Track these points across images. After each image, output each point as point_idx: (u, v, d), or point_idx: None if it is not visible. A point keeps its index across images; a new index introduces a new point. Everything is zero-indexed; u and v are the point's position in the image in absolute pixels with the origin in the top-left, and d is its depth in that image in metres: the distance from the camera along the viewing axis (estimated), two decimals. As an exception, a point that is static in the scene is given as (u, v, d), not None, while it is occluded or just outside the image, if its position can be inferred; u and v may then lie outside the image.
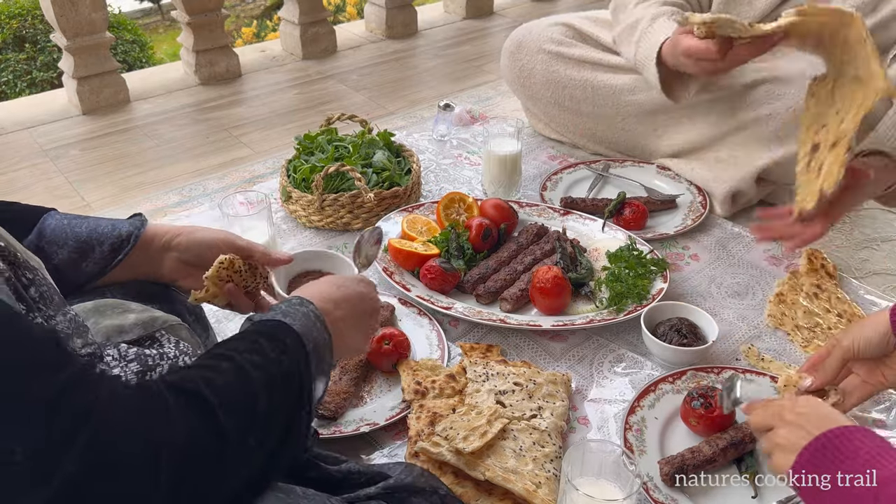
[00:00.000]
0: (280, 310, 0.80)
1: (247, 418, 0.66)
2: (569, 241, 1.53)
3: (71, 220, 0.96)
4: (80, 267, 0.94)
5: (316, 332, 0.78)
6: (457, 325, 1.39)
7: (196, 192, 1.89)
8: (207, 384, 0.65)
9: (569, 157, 2.00)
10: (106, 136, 2.29)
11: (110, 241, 0.95)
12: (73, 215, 0.98)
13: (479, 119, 2.22)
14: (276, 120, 2.39)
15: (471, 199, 1.62)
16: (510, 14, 3.39)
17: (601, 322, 1.34)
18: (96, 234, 0.95)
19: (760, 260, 1.58)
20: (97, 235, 0.95)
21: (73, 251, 0.93)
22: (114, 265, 0.96)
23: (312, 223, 1.67)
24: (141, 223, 0.99)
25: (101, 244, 0.95)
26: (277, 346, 0.74)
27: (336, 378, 1.21)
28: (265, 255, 1.05)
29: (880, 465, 0.72)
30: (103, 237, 0.95)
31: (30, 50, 5.46)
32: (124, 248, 0.96)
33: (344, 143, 1.78)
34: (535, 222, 1.61)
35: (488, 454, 1.03)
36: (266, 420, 0.68)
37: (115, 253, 0.96)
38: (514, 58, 1.96)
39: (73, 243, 0.94)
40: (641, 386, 1.21)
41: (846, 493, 0.73)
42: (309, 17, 2.86)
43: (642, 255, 1.45)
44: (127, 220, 1.00)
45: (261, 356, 0.71)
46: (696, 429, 1.13)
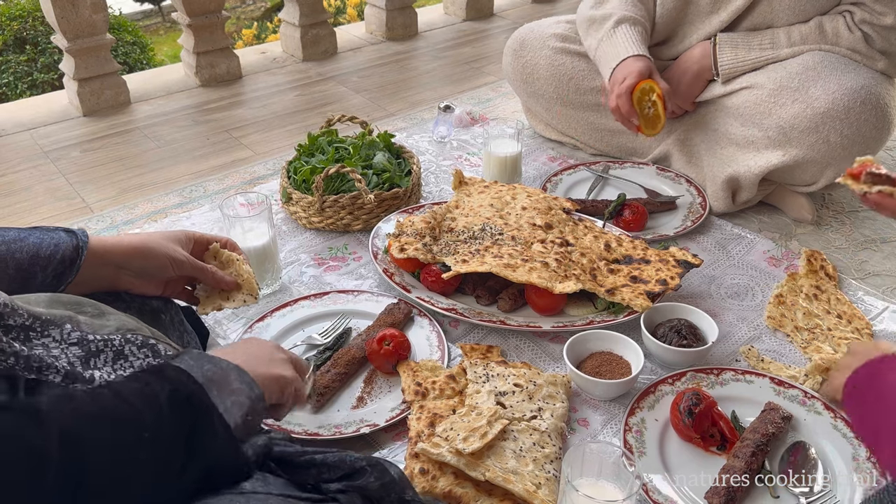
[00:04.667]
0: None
1: (129, 431, 0.67)
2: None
3: (9, 242, 0.91)
4: (25, 290, 0.89)
5: (208, 365, 0.79)
6: (457, 327, 1.39)
7: (196, 193, 1.89)
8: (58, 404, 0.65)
9: (569, 158, 2.00)
10: (106, 137, 2.29)
11: (53, 266, 0.92)
12: (12, 234, 0.93)
13: (480, 120, 2.22)
14: (277, 121, 2.39)
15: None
16: (510, 16, 3.40)
17: (601, 323, 1.34)
18: (38, 259, 0.91)
19: (760, 261, 1.58)
20: (39, 260, 0.92)
21: (14, 279, 0.90)
22: (61, 289, 0.93)
23: (313, 224, 1.67)
24: (82, 244, 0.95)
25: (45, 269, 0.92)
26: (155, 374, 0.75)
27: (324, 370, 1.23)
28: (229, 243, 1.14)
29: None
30: (46, 261, 0.92)
31: (30, 51, 5.47)
32: (67, 276, 0.93)
33: (344, 144, 1.79)
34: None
35: (488, 455, 1.03)
36: (155, 438, 0.68)
37: (58, 279, 0.93)
38: (517, 55, 1.97)
39: (14, 271, 0.90)
40: (641, 387, 1.21)
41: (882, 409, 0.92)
42: (309, 19, 2.86)
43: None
44: (66, 235, 0.95)
45: (138, 382, 0.72)
46: (686, 436, 1.13)
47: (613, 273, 1.43)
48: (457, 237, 1.48)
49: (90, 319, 0.84)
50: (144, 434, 0.68)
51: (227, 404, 0.77)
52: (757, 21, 1.67)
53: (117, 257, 0.98)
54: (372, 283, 1.51)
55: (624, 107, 1.63)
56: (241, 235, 1.41)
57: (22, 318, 0.76)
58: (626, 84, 1.62)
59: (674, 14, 1.75)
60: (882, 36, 1.58)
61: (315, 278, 1.53)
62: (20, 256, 0.91)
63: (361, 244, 1.63)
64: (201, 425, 0.73)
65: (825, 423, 1.15)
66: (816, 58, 1.59)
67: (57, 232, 0.95)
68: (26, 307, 0.78)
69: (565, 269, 1.38)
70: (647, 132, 1.67)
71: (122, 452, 0.66)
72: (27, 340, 0.77)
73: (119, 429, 0.67)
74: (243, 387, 0.80)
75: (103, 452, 0.64)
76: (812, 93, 1.55)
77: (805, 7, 1.61)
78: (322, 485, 0.83)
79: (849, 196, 1.83)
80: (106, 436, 0.66)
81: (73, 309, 0.84)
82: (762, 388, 1.22)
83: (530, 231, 1.48)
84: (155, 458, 0.68)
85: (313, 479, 0.84)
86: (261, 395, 0.82)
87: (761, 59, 1.65)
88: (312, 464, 0.86)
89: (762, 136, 1.63)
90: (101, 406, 0.67)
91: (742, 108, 1.66)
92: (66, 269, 0.93)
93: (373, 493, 0.84)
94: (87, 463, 0.62)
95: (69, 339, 0.79)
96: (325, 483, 0.84)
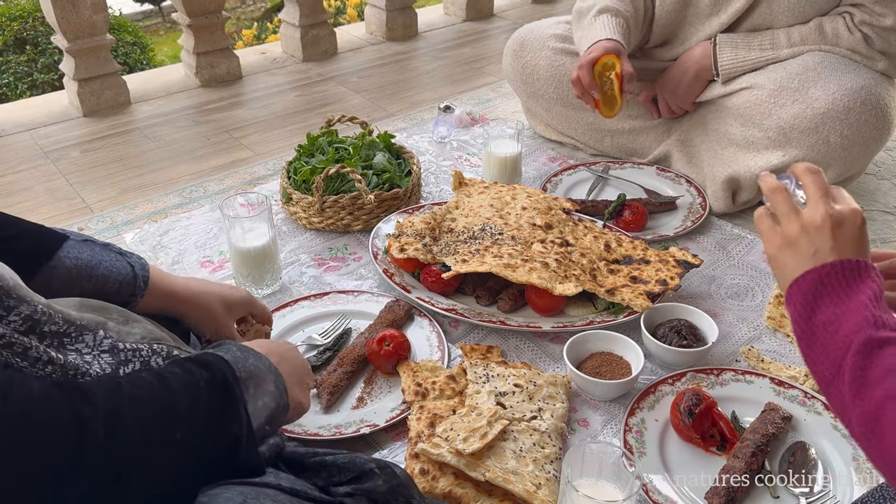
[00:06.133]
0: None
1: (166, 415, 0.69)
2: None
3: (80, 268, 0.97)
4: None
5: (253, 359, 0.81)
6: (457, 327, 1.39)
7: (196, 193, 1.89)
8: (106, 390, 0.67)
9: (569, 158, 2.01)
10: (106, 137, 2.29)
11: (117, 301, 0.97)
12: (86, 255, 0.98)
13: (480, 121, 2.22)
14: (277, 122, 2.39)
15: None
16: (510, 16, 3.40)
17: (601, 324, 1.34)
18: (105, 288, 0.98)
19: (760, 261, 1.58)
20: (106, 289, 0.98)
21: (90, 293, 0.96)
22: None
23: (313, 225, 1.67)
24: (139, 290, 1.01)
25: (118, 295, 0.99)
26: (200, 363, 0.77)
27: (331, 370, 1.23)
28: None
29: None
30: (110, 295, 0.97)
31: (31, 52, 5.47)
32: (134, 301, 1.01)
33: (344, 144, 1.79)
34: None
35: (488, 455, 1.03)
36: (190, 419, 0.71)
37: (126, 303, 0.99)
38: (517, 55, 1.97)
39: (78, 293, 0.95)
40: (641, 388, 1.21)
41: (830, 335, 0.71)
42: (309, 20, 2.86)
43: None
44: (131, 269, 1.01)
45: (182, 369, 0.74)
46: (686, 436, 1.13)
47: (613, 273, 1.43)
48: (457, 237, 1.48)
49: (117, 326, 0.86)
50: (181, 416, 0.70)
51: (258, 404, 0.79)
52: (756, 23, 1.67)
53: (176, 305, 1.05)
54: (372, 284, 1.51)
55: (585, 78, 1.62)
56: (241, 235, 1.41)
57: (57, 324, 0.78)
58: (590, 57, 1.62)
59: (673, 16, 1.75)
60: (882, 37, 1.58)
61: (315, 279, 1.53)
62: (88, 287, 0.96)
63: (361, 244, 1.63)
64: (229, 415, 0.74)
65: (825, 424, 1.15)
66: (816, 58, 1.59)
67: (122, 261, 1.01)
68: (61, 311, 0.79)
69: (565, 270, 1.38)
70: (605, 112, 1.66)
71: (159, 434, 0.67)
72: (61, 346, 0.78)
73: (158, 409, 0.69)
74: (276, 391, 0.82)
75: (142, 428, 0.66)
76: (812, 93, 1.55)
77: (804, 9, 1.61)
78: (331, 488, 0.84)
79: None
80: (146, 412, 0.68)
81: (101, 314, 0.86)
82: (762, 389, 1.22)
83: (530, 231, 1.48)
84: (188, 439, 0.69)
85: (323, 480, 0.84)
86: (286, 406, 0.84)
87: (761, 60, 1.65)
88: (323, 465, 0.86)
89: (762, 137, 1.64)
90: (141, 386, 0.69)
91: (742, 109, 1.66)
92: (124, 305, 0.98)
93: (380, 496, 0.84)
94: (128, 434, 0.65)
95: (101, 346, 0.81)
96: (335, 486, 0.84)
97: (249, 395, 0.78)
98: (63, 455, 0.60)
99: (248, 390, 0.78)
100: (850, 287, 0.72)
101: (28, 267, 0.90)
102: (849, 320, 0.69)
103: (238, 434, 0.75)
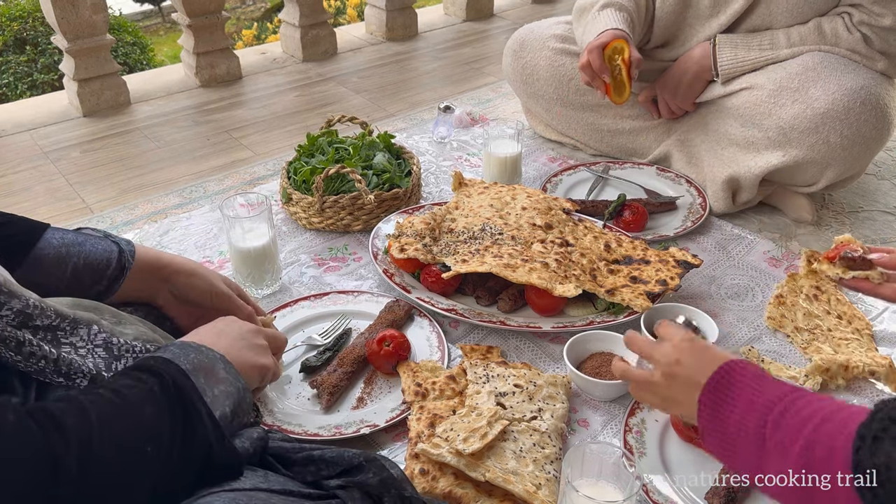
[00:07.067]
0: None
1: (134, 432, 0.69)
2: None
3: (69, 245, 0.96)
4: (73, 295, 0.94)
5: (194, 353, 0.80)
6: (457, 327, 1.39)
7: (196, 193, 1.89)
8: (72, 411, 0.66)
9: (569, 158, 2.01)
10: (106, 138, 2.29)
11: (107, 276, 0.97)
12: (70, 237, 0.97)
13: (479, 121, 2.22)
14: (277, 122, 2.40)
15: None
16: (510, 16, 3.40)
17: (601, 324, 1.34)
18: (93, 266, 0.96)
19: (760, 261, 1.58)
20: (94, 267, 0.96)
21: (70, 283, 0.94)
22: (107, 299, 0.97)
23: (313, 225, 1.67)
24: (127, 262, 0.99)
25: (98, 279, 0.97)
26: (146, 370, 0.75)
27: (331, 370, 1.23)
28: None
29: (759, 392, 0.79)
30: (99, 271, 0.96)
31: (30, 52, 5.48)
32: (115, 286, 0.98)
33: (344, 144, 1.79)
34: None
35: (488, 455, 1.03)
36: (155, 428, 0.70)
37: (109, 288, 0.98)
38: (517, 56, 1.97)
39: (70, 274, 0.94)
40: (641, 387, 1.21)
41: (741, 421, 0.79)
42: (309, 20, 2.86)
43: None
44: (115, 245, 1.00)
45: (132, 379, 0.73)
46: (686, 436, 1.13)
47: (613, 273, 1.43)
48: (457, 238, 1.48)
49: (110, 325, 0.86)
50: (148, 428, 0.69)
51: (214, 392, 0.78)
52: (756, 23, 1.67)
53: (166, 271, 1.03)
54: (372, 284, 1.51)
55: (595, 62, 1.61)
56: (241, 236, 1.41)
57: (50, 318, 0.78)
58: (599, 41, 1.61)
59: (673, 17, 1.75)
60: (881, 37, 1.58)
61: (315, 279, 1.53)
62: (77, 262, 0.95)
63: (361, 245, 1.63)
64: (189, 410, 0.74)
65: (825, 424, 1.15)
66: (816, 58, 1.59)
67: (106, 241, 0.99)
68: (53, 306, 0.79)
69: (565, 270, 1.38)
70: (615, 98, 1.65)
71: (131, 452, 0.67)
72: (55, 340, 0.78)
73: (126, 427, 0.68)
74: (229, 377, 0.82)
75: (114, 451, 0.66)
76: (812, 93, 1.55)
77: (803, 9, 1.62)
78: (322, 481, 0.83)
79: (849, 196, 1.83)
80: (115, 433, 0.67)
81: (93, 314, 0.86)
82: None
83: (530, 231, 1.48)
84: (158, 450, 0.69)
85: (312, 475, 0.84)
86: (245, 386, 0.84)
87: (761, 60, 1.65)
88: (311, 460, 0.86)
89: (762, 137, 1.64)
90: (104, 406, 0.68)
91: (742, 109, 1.66)
92: (115, 280, 0.97)
93: (372, 488, 0.83)
94: (101, 463, 0.64)
95: (95, 341, 0.81)
96: (325, 479, 0.84)
97: (202, 387, 0.77)
98: (36, 493, 0.59)
99: (200, 382, 0.77)
100: (728, 393, 0.81)
101: (17, 251, 0.90)
102: (751, 417, 0.78)
103: (204, 429, 0.74)
